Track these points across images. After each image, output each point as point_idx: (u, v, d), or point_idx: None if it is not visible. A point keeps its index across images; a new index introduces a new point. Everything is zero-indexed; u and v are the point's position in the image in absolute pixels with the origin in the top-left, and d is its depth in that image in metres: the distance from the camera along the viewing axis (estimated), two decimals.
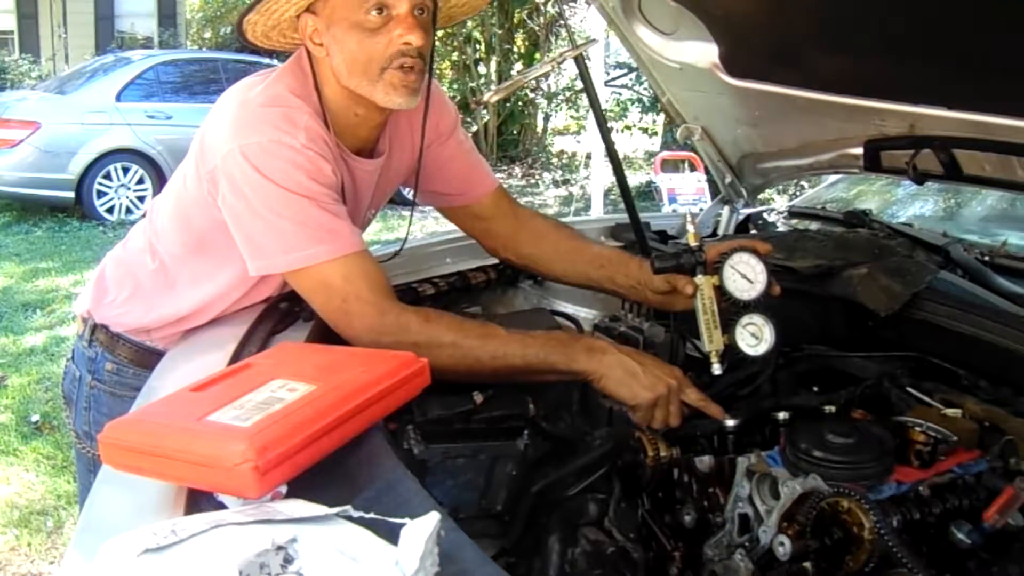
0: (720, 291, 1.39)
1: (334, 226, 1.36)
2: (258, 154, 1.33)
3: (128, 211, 8.39)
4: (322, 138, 1.39)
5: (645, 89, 11.66)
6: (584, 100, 11.44)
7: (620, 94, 13.26)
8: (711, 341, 1.38)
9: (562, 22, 12.35)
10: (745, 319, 1.36)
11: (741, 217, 2.44)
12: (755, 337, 1.35)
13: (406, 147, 1.61)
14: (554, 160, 13.52)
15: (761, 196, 2.60)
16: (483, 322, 1.40)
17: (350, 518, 0.82)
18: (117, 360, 1.67)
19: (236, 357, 1.36)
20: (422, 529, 0.74)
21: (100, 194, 8.33)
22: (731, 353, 1.37)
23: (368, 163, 1.53)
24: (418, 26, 1.35)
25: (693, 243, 1.43)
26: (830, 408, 1.35)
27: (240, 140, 1.34)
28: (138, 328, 1.64)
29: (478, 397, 1.35)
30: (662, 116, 11.76)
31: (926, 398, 1.39)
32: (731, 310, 1.39)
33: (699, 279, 1.40)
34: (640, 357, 1.35)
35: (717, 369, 1.38)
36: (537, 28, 12.79)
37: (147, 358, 1.63)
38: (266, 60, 9.01)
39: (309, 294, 1.40)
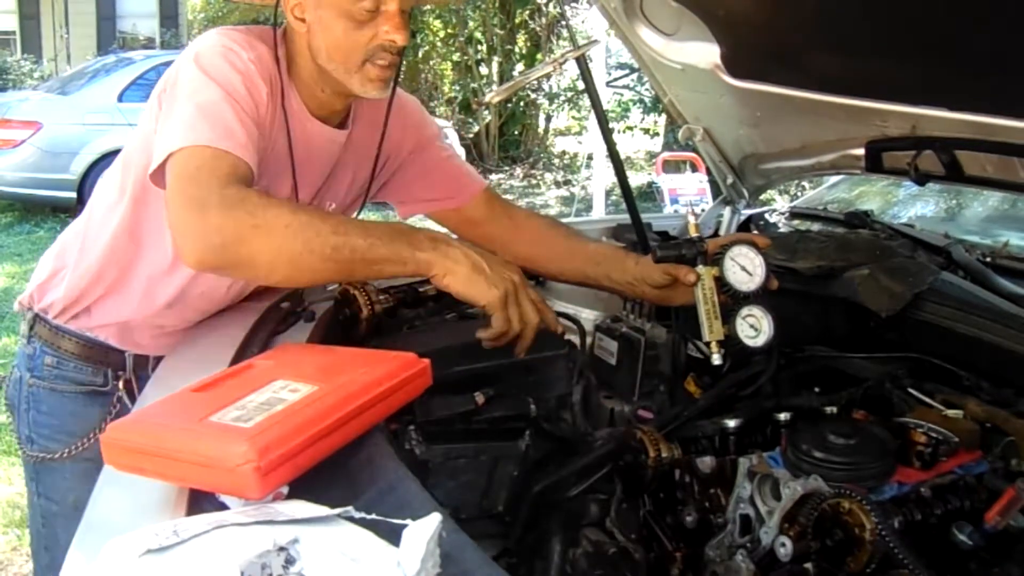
0: (720, 282, 1.40)
1: (235, 129, 1.28)
2: (205, 55, 1.34)
3: None
4: (271, 73, 1.39)
5: (646, 90, 11.67)
6: (586, 101, 11.44)
7: (622, 95, 13.27)
8: (711, 331, 1.38)
9: (564, 23, 12.36)
10: (744, 311, 1.36)
11: (743, 218, 2.44)
12: (754, 328, 1.36)
13: (372, 144, 1.60)
14: (556, 160, 13.53)
15: (763, 197, 2.60)
16: None
17: (352, 519, 0.82)
18: (58, 353, 1.64)
19: (238, 358, 1.36)
20: (423, 530, 0.74)
21: None
22: (730, 344, 1.38)
23: (326, 129, 1.51)
24: (404, 25, 1.38)
25: (694, 235, 1.44)
26: (831, 409, 1.36)
27: (195, 50, 1.36)
28: (74, 303, 1.60)
29: (479, 398, 1.35)
30: (663, 117, 11.77)
31: (927, 399, 1.39)
32: (729, 303, 1.39)
33: (700, 269, 1.41)
34: (481, 250, 1.28)
35: (717, 359, 1.38)
36: (539, 29, 12.81)
37: (90, 351, 1.63)
38: None
39: (168, 175, 1.25)
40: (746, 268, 1.38)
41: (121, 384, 1.67)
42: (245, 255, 1.16)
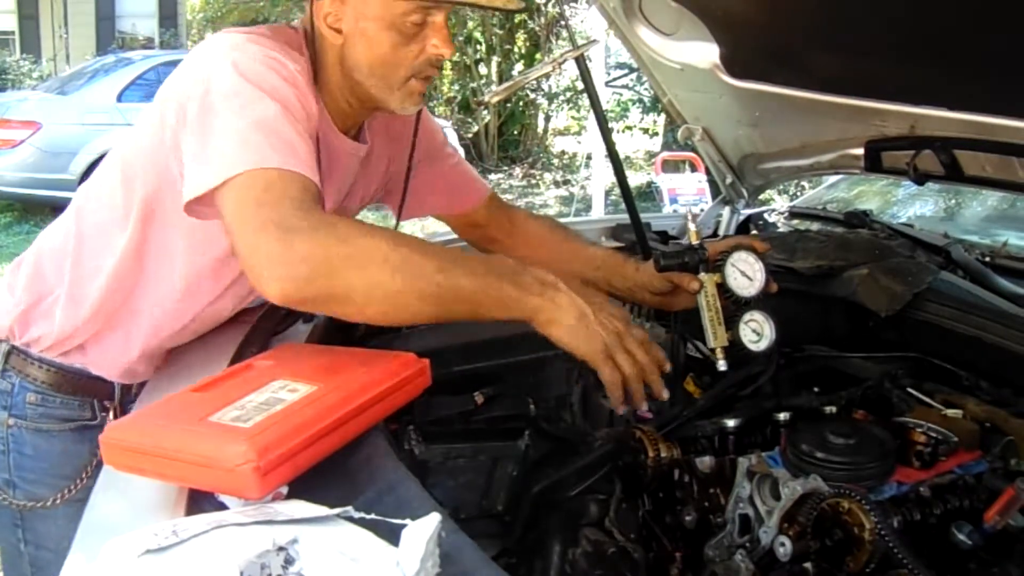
0: (721, 288, 1.40)
1: (298, 145, 1.13)
2: (244, 62, 1.18)
3: None
4: (310, 86, 1.26)
5: (646, 89, 11.66)
6: (585, 100, 11.43)
7: (621, 94, 13.26)
8: (716, 338, 1.39)
9: (563, 23, 12.35)
10: (747, 316, 1.38)
11: (742, 217, 2.44)
12: (757, 333, 1.37)
13: (383, 156, 1.56)
14: (555, 160, 13.52)
15: (762, 196, 2.60)
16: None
17: (351, 519, 0.82)
18: (42, 389, 1.48)
19: (237, 358, 1.36)
20: (423, 530, 0.74)
21: None
22: (735, 350, 1.38)
23: (349, 143, 1.42)
24: (450, 37, 1.30)
25: (695, 241, 1.45)
26: (831, 409, 1.36)
27: (230, 57, 1.19)
28: (64, 340, 1.45)
29: (479, 397, 1.35)
30: (663, 116, 11.76)
31: (927, 399, 1.39)
32: (730, 308, 1.40)
33: (703, 276, 1.42)
34: (589, 296, 1.18)
35: (723, 365, 1.38)
36: (538, 29, 12.78)
37: (77, 383, 1.49)
38: None
39: (224, 204, 1.09)
40: (746, 273, 1.39)
41: (111, 416, 1.52)
42: (336, 289, 1.02)
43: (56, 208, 8.53)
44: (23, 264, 1.51)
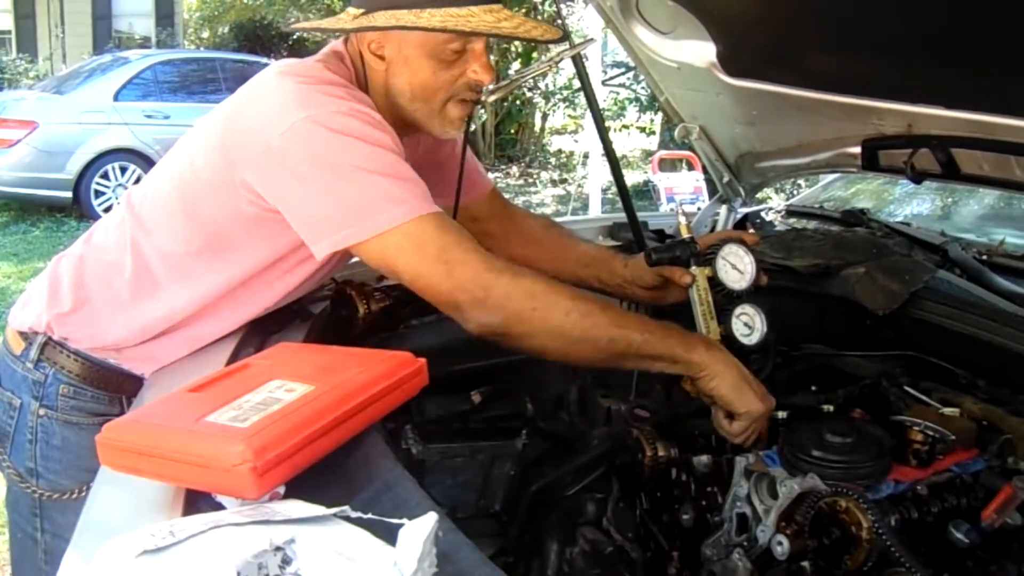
0: (712, 282, 1.40)
1: (421, 183, 1.27)
2: (333, 118, 1.24)
3: None
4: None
5: (643, 88, 11.67)
6: (582, 99, 11.43)
7: (618, 93, 13.26)
8: (708, 331, 1.39)
9: (560, 21, 12.35)
10: (738, 309, 1.38)
11: (739, 216, 2.44)
12: (748, 327, 1.37)
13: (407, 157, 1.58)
14: (552, 159, 13.53)
15: (759, 195, 2.60)
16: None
17: (348, 519, 0.82)
18: (74, 382, 1.49)
19: (234, 358, 1.36)
20: (420, 529, 0.74)
21: (98, 194, 8.33)
22: (727, 344, 1.38)
23: None
24: (490, 64, 1.35)
25: (685, 235, 1.45)
26: (828, 407, 1.36)
27: (307, 112, 1.24)
28: (105, 346, 1.48)
29: (476, 397, 1.35)
30: (660, 115, 11.77)
31: (924, 397, 1.39)
32: (721, 301, 1.40)
33: (694, 270, 1.42)
34: (743, 368, 1.28)
35: None
36: None
37: (111, 379, 1.50)
38: (264, 60, 9.05)
39: (396, 254, 1.24)
40: (737, 266, 1.40)
41: None
42: (524, 331, 1.20)
43: (52, 208, 8.49)
44: (64, 264, 1.52)
